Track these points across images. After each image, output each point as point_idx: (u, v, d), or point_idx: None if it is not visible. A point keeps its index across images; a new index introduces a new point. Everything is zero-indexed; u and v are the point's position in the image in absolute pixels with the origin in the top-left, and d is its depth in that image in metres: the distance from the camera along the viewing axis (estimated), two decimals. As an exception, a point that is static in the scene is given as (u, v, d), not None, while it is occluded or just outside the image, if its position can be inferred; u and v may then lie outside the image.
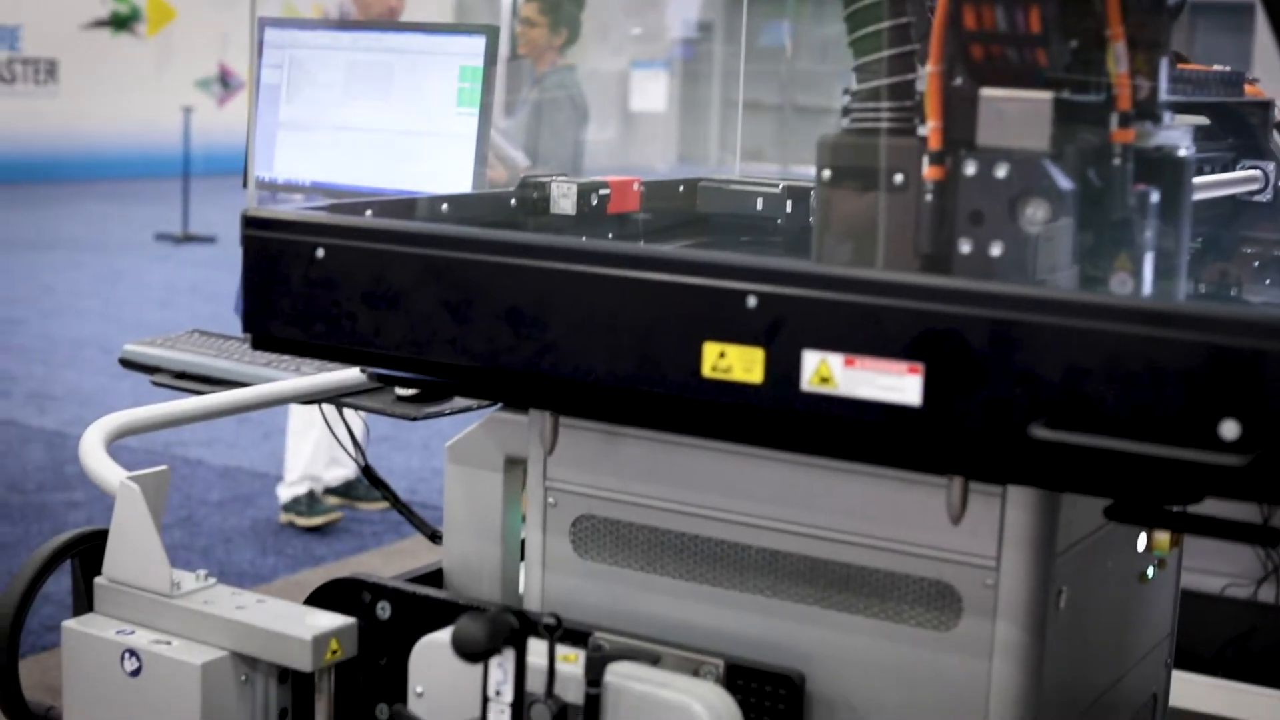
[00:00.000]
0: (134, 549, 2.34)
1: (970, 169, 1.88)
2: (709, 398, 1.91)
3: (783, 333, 1.85)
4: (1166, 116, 2.04)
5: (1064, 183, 1.86)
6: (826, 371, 1.83)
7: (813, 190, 2.04)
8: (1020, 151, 1.86)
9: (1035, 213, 1.84)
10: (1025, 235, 1.86)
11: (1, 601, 2.40)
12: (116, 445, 2.58)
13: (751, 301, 1.87)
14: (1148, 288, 1.96)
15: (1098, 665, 2.25)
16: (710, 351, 1.90)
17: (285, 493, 7.11)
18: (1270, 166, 2.38)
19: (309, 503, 7.07)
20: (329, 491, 7.28)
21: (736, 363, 1.88)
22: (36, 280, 13.60)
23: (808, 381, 1.84)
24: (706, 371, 1.90)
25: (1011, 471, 1.88)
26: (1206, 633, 3.95)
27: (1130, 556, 2.30)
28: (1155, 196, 1.94)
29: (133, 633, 2.32)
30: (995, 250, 1.87)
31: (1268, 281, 2.42)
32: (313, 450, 7.02)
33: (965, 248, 1.88)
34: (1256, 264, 2.41)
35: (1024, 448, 1.75)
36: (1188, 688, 3.82)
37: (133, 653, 2.28)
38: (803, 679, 2.07)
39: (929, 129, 1.91)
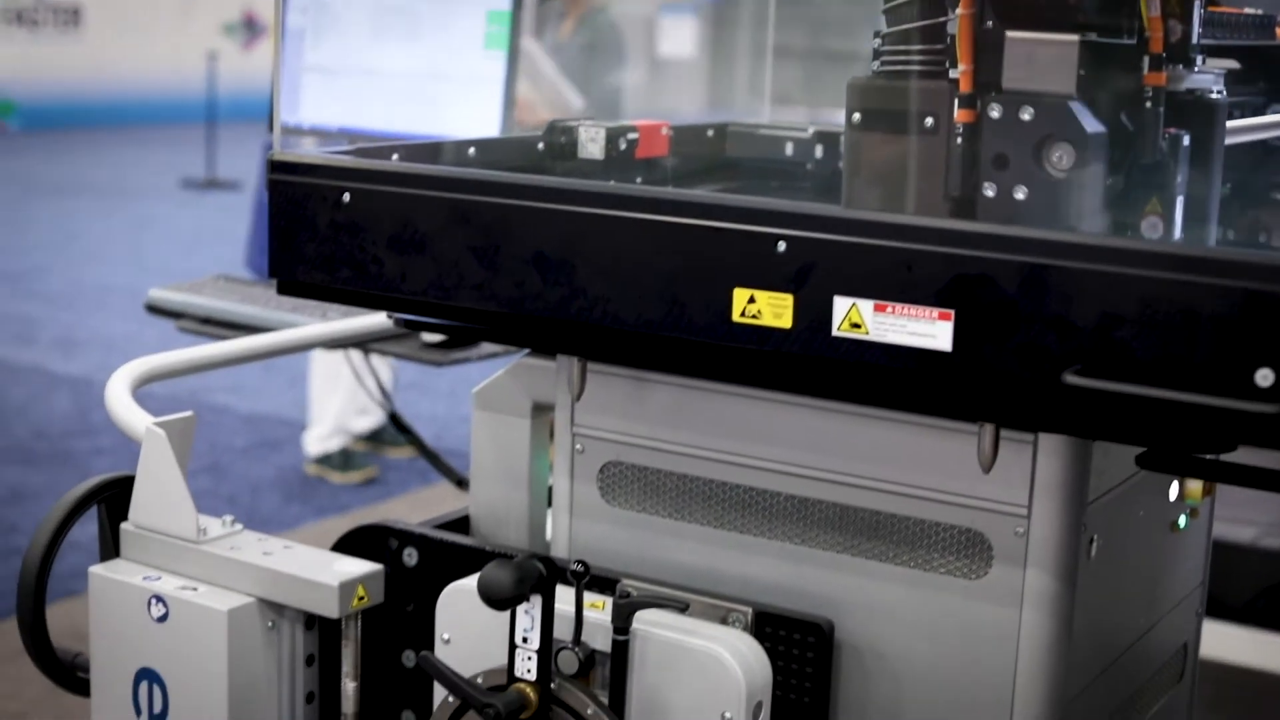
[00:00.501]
0: (160, 495, 2.33)
1: (995, 112, 1.86)
2: (738, 343, 1.89)
3: (813, 278, 1.84)
4: (1198, 60, 2.01)
5: (1091, 126, 1.83)
6: (857, 317, 1.81)
7: (842, 134, 2.02)
8: (1046, 95, 1.84)
9: (1060, 158, 1.83)
10: (1049, 179, 1.84)
11: (28, 548, 2.40)
12: (143, 393, 2.58)
13: (781, 246, 1.85)
14: (1179, 232, 1.95)
15: (1128, 615, 2.23)
16: (739, 297, 1.88)
17: (316, 446, 7.10)
18: None
19: (343, 459, 7.06)
20: (357, 439, 7.28)
21: (766, 308, 1.86)
22: (62, 226, 13.61)
23: (838, 327, 1.83)
24: (736, 317, 1.89)
25: (1043, 419, 1.86)
26: (1238, 583, 3.94)
27: (1162, 505, 2.28)
28: (1187, 140, 1.93)
29: (159, 579, 2.32)
30: (1019, 194, 1.85)
31: None
32: (342, 403, 7.01)
33: (989, 191, 1.87)
34: None
35: (1056, 395, 1.73)
36: (1219, 638, 3.81)
37: (159, 599, 2.28)
38: (831, 627, 2.06)
39: (960, 72, 1.88)
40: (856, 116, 1.97)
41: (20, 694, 4.72)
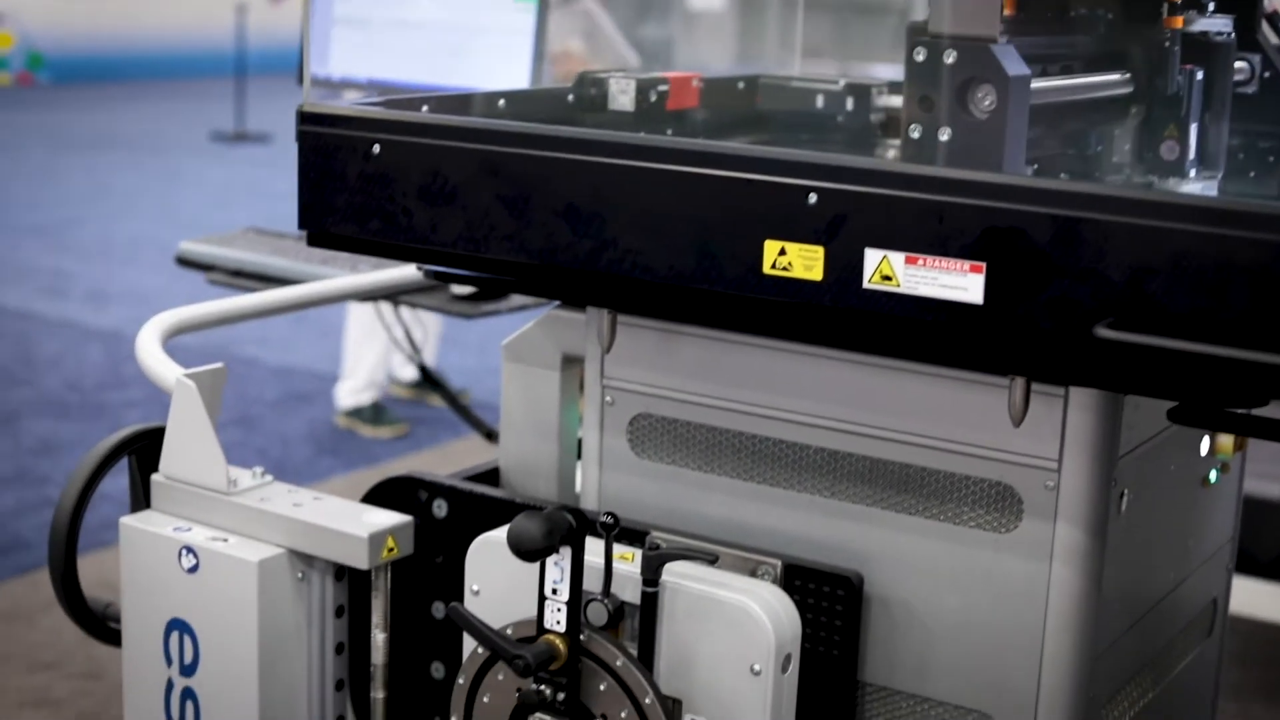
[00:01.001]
0: (191, 446, 2.34)
1: (920, 55, 1.90)
2: (769, 296, 1.89)
3: (844, 230, 1.83)
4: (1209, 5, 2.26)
5: (1013, 69, 1.86)
6: (888, 269, 1.81)
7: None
8: (970, 38, 1.87)
9: (984, 99, 1.84)
10: (973, 121, 1.85)
11: (60, 499, 2.41)
12: (173, 346, 2.58)
13: (812, 199, 1.84)
14: (1192, 153, 2.13)
15: (1158, 569, 2.23)
16: (770, 249, 1.88)
17: (348, 399, 7.11)
18: (1257, 58, 2.36)
19: (374, 413, 7.07)
20: (400, 385, 7.31)
21: (797, 260, 1.86)
22: (93, 180, 13.63)
23: (869, 279, 1.82)
24: (766, 269, 1.88)
25: (1075, 372, 1.85)
26: (1268, 538, 3.93)
27: (1193, 460, 2.28)
28: (1200, 76, 2.12)
29: (190, 530, 2.32)
30: (944, 136, 1.87)
31: (1252, 174, 2.41)
32: (376, 358, 7.01)
33: (915, 133, 1.90)
34: (1241, 156, 2.40)
35: (1088, 348, 1.73)
36: (1248, 593, 3.81)
37: (190, 549, 2.29)
38: (861, 580, 2.06)
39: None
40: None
41: (53, 644, 4.75)
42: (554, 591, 1.98)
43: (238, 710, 2.29)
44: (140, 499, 2.44)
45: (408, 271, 3.00)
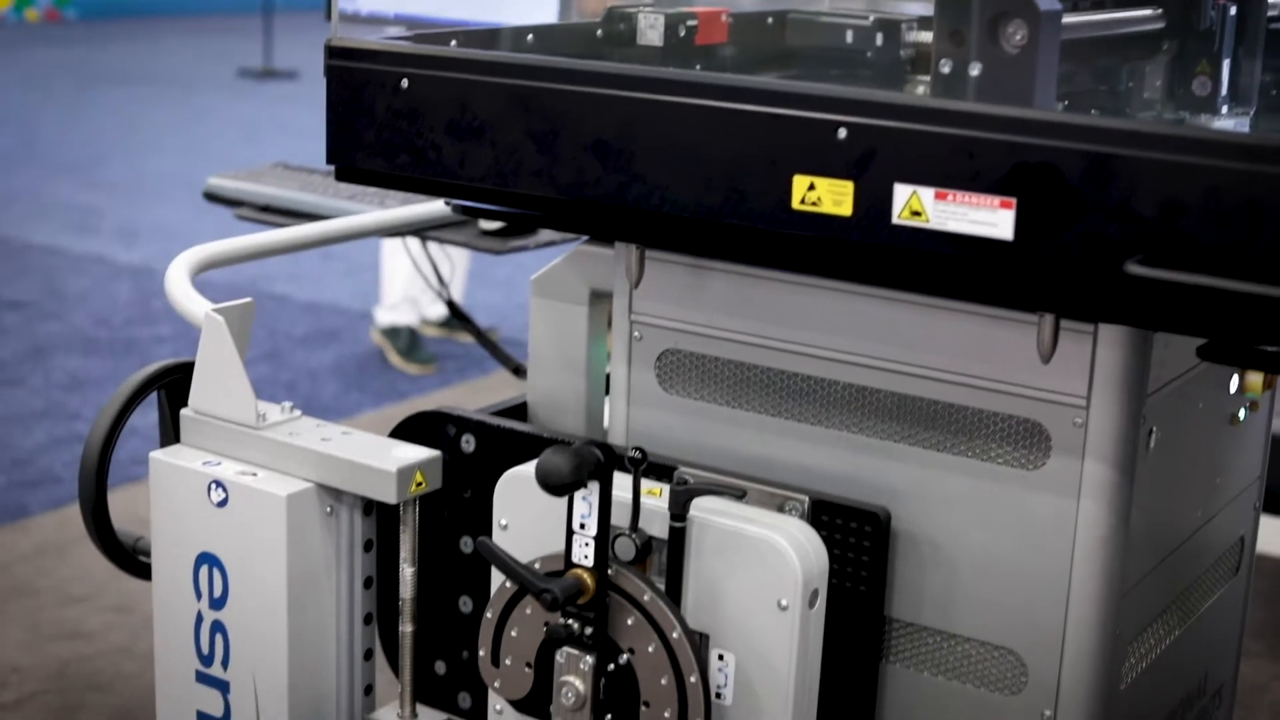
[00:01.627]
0: (220, 381, 2.35)
1: None
2: (797, 231, 1.89)
3: (873, 165, 1.82)
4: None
5: (1045, 4, 1.84)
6: (917, 205, 1.80)
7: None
8: None
9: (1014, 34, 1.83)
10: (1005, 57, 1.85)
11: (90, 433, 2.42)
12: (202, 282, 2.58)
13: (842, 133, 1.84)
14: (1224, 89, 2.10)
15: (1186, 507, 2.23)
16: (799, 184, 1.87)
17: (384, 316, 7.12)
18: None
19: (409, 343, 7.08)
20: (429, 324, 7.33)
21: (826, 195, 1.85)
22: (121, 116, 13.63)
23: (898, 215, 1.82)
24: (795, 204, 1.88)
25: (1104, 309, 1.85)
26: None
27: (1222, 398, 2.27)
28: (1233, 11, 2.10)
29: (219, 464, 2.33)
30: (974, 71, 1.87)
31: None
32: (409, 273, 6.98)
33: (945, 68, 1.89)
34: (1274, 92, 2.39)
35: (1118, 285, 1.72)
36: (1275, 532, 3.80)
37: (219, 484, 2.30)
38: (888, 516, 2.07)
39: None
40: None
41: (84, 578, 4.78)
42: (581, 526, 1.98)
43: (267, 643, 2.30)
44: (169, 434, 2.45)
45: (436, 207, 3.00)
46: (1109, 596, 1.99)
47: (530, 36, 2.38)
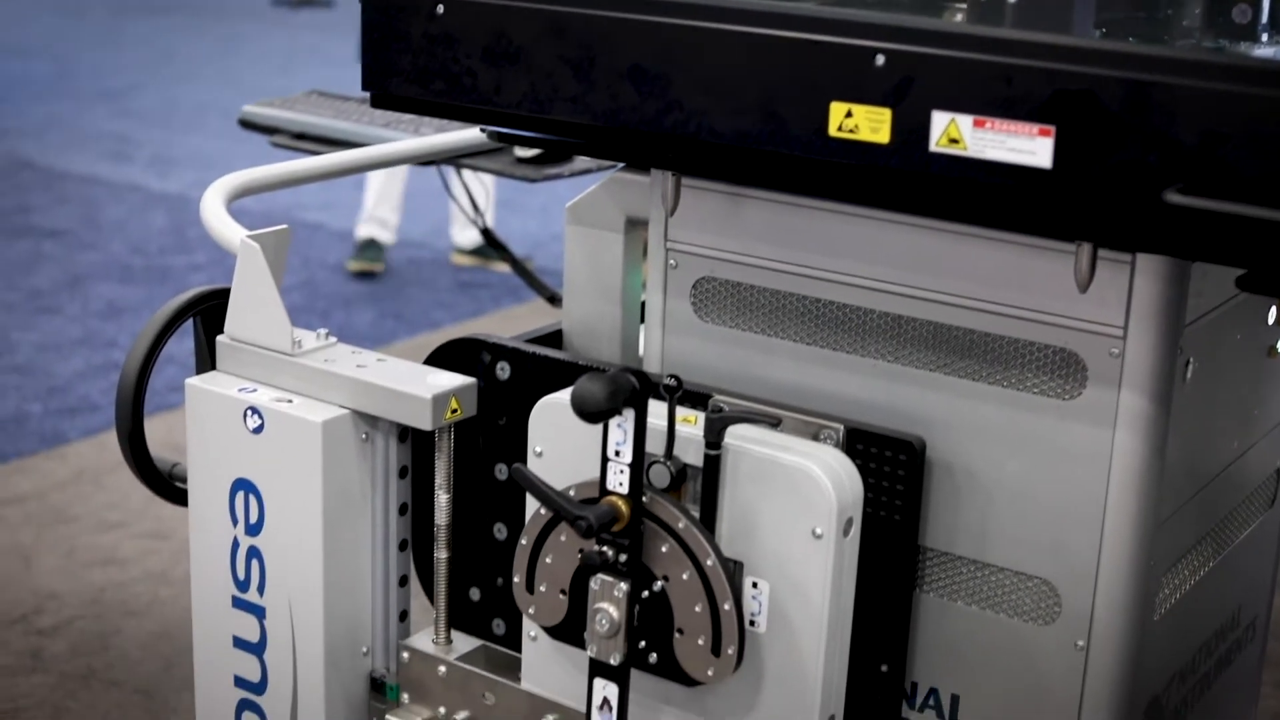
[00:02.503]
0: (255, 307, 2.35)
1: None
2: (834, 158, 1.88)
3: (911, 92, 1.81)
4: None
5: None
6: (955, 132, 1.79)
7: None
8: None
9: None
10: None
11: (126, 359, 2.42)
12: (237, 210, 2.58)
13: (880, 60, 1.82)
14: (1265, 17, 2.08)
15: (1222, 439, 2.22)
16: (836, 111, 1.86)
17: (358, 229, 7.54)
18: None
19: (362, 247, 7.46)
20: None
21: (863, 123, 1.84)
22: (156, 45, 13.63)
23: (936, 142, 1.80)
24: (832, 131, 1.87)
25: (1143, 238, 1.84)
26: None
27: (1260, 329, 2.26)
28: None
29: (255, 390, 2.33)
30: None
31: None
32: (379, 188, 7.27)
33: None
34: None
35: (1157, 214, 1.71)
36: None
37: (255, 410, 2.30)
38: (923, 445, 2.06)
39: None
40: None
41: (120, 504, 4.81)
42: (616, 453, 1.98)
43: (302, 569, 2.31)
44: (205, 361, 2.45)
45: (470, 134, 2.99)
46: (1143, 527, 1.99)
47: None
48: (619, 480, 1.98)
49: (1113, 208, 1.75)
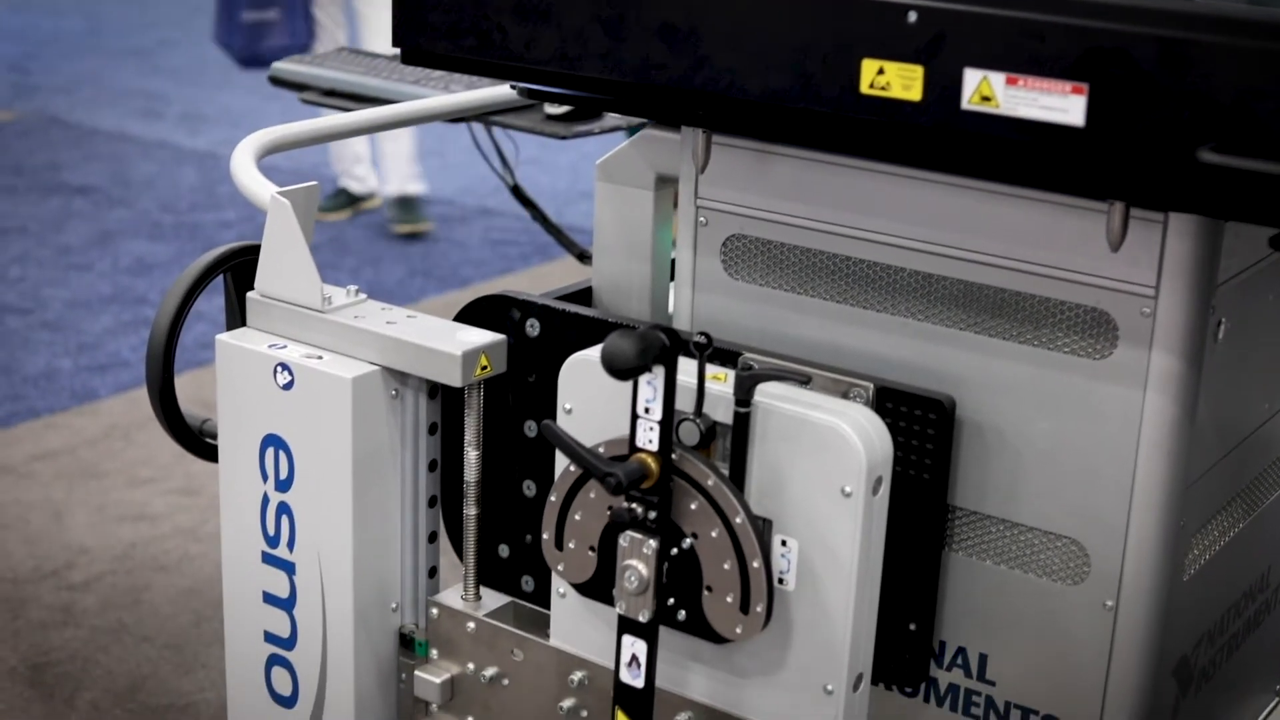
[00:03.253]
0: (285, 263, 2.35)
1: None
2: (866, 116, 1.87)
3: (943, 49, 1.80)
4: None
5: None
6: (988, 90, 1.78)
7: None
8: None
9: None
10: None
11: (157, 315, 2.43)
12: (267, 167, 2.58)
13: (912, 17, 1.82)
14: None
15: (1253, 399, 2.21)
16: (868, 68, 1.85)
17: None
18: None
19: (335, 194, 7.54)
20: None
21: (895, 80, 1.84)
22: (186, 2, 13.61)
23: (968, 100, 1.80)
24: (864, 89, 1.86)
25: (1175, 197, 1.83)
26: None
27: (1292, 289, 2.25)
28: None
29: (285, 347, 2.34)
30: None
31: None
32: (354, 146, 7.48)
33: None
34: None
35: (1190, 173, 1.70)
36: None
37: (285, 366, 2.31)
38: (953, 404, 2.06)
39: None
40: None
41: (151, 460, 4.83)
42: (646, 410, 1.98)
43: (332, 525, 2.32)
44: (236, 317, 2.46)
45: (501, 91, 2.99)
46: (1173, 488, 1.98)
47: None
48: (648, 437, 1.98)
49: (1145, 166, 1.74)
